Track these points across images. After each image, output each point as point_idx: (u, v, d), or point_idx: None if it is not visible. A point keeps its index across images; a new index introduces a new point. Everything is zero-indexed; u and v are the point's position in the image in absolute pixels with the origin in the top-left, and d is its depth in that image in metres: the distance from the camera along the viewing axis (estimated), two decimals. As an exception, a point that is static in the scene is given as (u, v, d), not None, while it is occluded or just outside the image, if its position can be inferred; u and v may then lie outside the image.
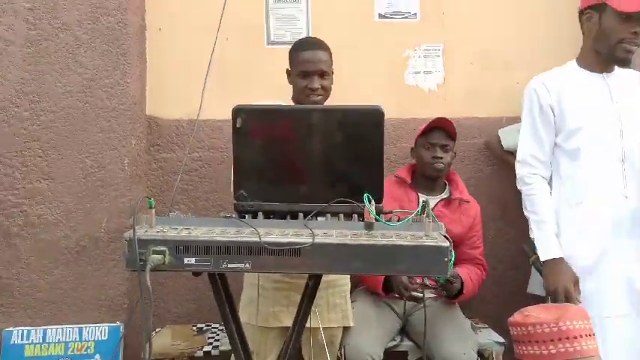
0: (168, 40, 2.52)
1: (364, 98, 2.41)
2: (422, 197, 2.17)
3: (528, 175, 1.92)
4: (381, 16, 2.60)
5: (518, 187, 1.98)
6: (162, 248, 1.20)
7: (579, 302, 1.73)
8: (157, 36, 2.51)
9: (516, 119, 2.61)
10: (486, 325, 2.34)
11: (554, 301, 1.76)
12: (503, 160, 2.54)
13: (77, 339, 2.13)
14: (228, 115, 1.35)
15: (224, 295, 1.36)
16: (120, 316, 2.20)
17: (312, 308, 1.50)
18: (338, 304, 1.84)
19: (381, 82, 2.60)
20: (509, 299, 2.47)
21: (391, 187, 2.20)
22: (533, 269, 2.51)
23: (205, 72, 2.00)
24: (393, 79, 2.62)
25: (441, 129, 2.17)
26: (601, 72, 1.86)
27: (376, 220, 1.27)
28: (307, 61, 1.80)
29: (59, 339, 2.13)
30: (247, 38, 2.55)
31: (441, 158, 2.15)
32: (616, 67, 1.87)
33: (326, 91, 1.84)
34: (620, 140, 1.80)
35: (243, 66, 2.54)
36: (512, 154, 2.25)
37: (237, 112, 1.36)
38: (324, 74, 1.81)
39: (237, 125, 1.36)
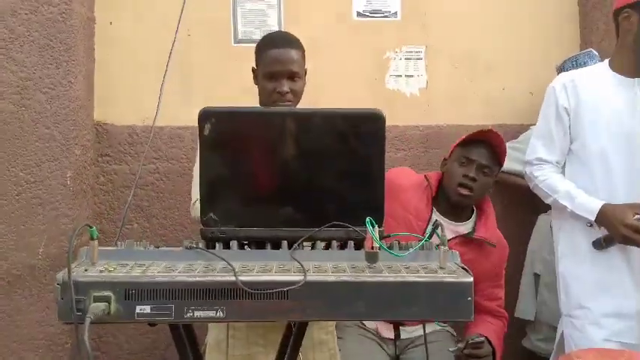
0: (121, 35, 2.22)
1: (340, 103, 2.18)
2: (436, 218, 1.78)
3: (536, 169, 1.76)
4: (359, 14, 2.38)
5: (531, 188, 1.80)
6: (107, 293, 0.92)
7: None
8: (108, 30, 2.21)
9: (502, 127, 2.48)
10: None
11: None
12: (499, 180, 2.38)
13: (9, 386, 1.80)
14: (189, 121, 1.09)
15: (189, 347, 1.09)
16: (61, 358, 1.86)
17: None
18: (324, 341, 1.58)
19: (359, 86, 2.39)
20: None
21: (405, 187, 1.82)
22: (520, 290, 2.34)
23: (163, 72, 1.72)
24: (372, 82, 2.41)
25: (486, 145, 1.75)
26: (634, 77, 1.67)
27: (380, 248, 1.02)
28: (275, 60, 1.53)
29: (-13, 387, 1.79)
30: (212, 35, 2.28)
31: (474, 181, 1.72)
32: None
33: (296, 96, 1.57)
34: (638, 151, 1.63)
35: (207, 66, 2.26)
36: (508, 173, 2.08)
37: (206, 115, 1.09)
38: (294, 76, 1.54)
39: (205, 132, 1.09)
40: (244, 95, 1.90)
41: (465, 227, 1.83)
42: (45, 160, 1.88)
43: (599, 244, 1.67)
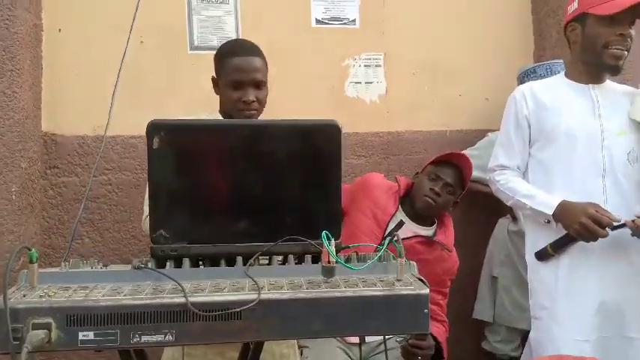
0: (71, 42, 2.13)
1: (300, 111, 2.16)
2: (400, 217, 1.90)
3: (498, 174, 1.82)
4: (318, 21, 2.37)
5: (494, 192, 1.85)
6: (47, 320, 0.86)
7: (617, 220, 1.56)
8: (57, 38, 2.12)
9: (460, 133, 2.51)
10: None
11: (587, 239, 1.58)
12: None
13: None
14: (142, 131, 1.04)
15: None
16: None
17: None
18: (285, 355, 1.55)
19: (319, 93, 2.37)
20: (455, 324, 2.30)
21: (378, 186, 1.95)
22: (479, 292, 2.37)
23: (115, 80, 1.65)
24: (332, 89, 2.40)
25: (455, 167, 1.90)
26: (587, 83, 1.74)
27: (336, 262, 1.00)
28: (240, 69, 1.51)
29: None
30: (167, 42, 2.22)
31: (438, 196, 1.86)
32: (607, 80, 1.77)
33: (261, 104, 1.56)
34: (600, 154, 1.68)
35: (162, 74, 2.20)
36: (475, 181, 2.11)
37: (154, 128, 1.05)
38: (259, 84, 1.53)
39: (154, 146, 1.04)
40: (201, 103, 1.85)
41: (425, 231, 1.93)
42: (-13, 174, 1.78)
43: (545, 254, 1.71)
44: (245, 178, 1.07)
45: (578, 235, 1.62)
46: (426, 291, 0.95)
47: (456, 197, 1.94)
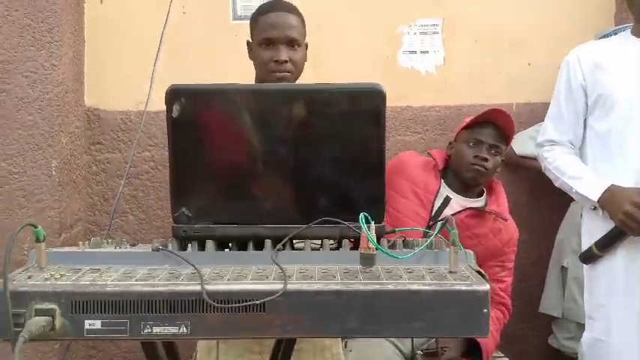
0: (112, 14, 2.07)
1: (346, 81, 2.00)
2: (446, 193, 1.73)
3: (546, 150, 1.67)
4: (368, -15, 2.18)
5: (543, 170, 1.69)
6: (51, 306, 0.78)
7: None
8: (98, 9, 2.06)
9: (528, 105, 2.27)
10: (501, 354, 1.96)
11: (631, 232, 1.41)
12: (520, 165, 2.19)
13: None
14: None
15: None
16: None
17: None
18: (327, 346, 1.42)
19: (369, 63, 2.20)
20: (521, 318, 2.11)
21: (413, 163, 1.79)
22: (546, 284, 2.16)
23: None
24: (383, 59, 2.22)
25: (493, 125, 1.71)
26: None
27: (377, 249, 0.85)
28: (273, 25, 1.37)
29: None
30: (209, 12, 2.12)
31: (486, 161, 1.68)
32: None
33: (296, 67, 1.41)
34: None
35: (204, 46, 2.10)
36: (528, 157, 1.91)
37: (174, 95, 0.94)
38: (293, 43, 1.39)
39: (174, 114, 0.94)
40: (245, 76, 1.74)
41: (476, 203, 1.76)
42: (28, 149, 1.75)
43: (590, 255, 1.50)
44: (275, 150, 0.95)
45: (623, 227, 1.42)
46: (486, 287, 0.79)
47: (502, 155, 1.75)
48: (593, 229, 1.56)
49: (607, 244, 1.49)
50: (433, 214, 1.71)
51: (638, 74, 1.49)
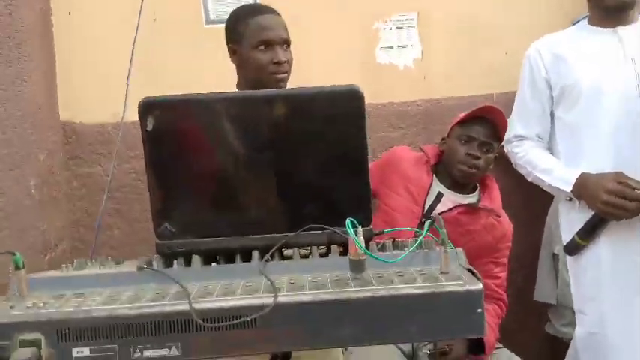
0: (81, 24, 2.02)
1: (327, 83, 1.98)
2: (438, 189, 1.71)
3: (515, 146, 1.67)
4: (342, -19, 2.16)
5: (515, 167, 1.70)
6: (36, 336, 0.75)
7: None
8: (67, 20, 2.01)
9: (508, 95, 2.25)
10: (500, 345, 1.96)
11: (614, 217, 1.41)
12: (503, 155, 2.20)
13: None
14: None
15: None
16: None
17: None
18: (327, 350, 1.41)
19: (347, 61, 2.18)
20: (516, 307, 2.11)
21: (406, 159, 1.78)
22: (538, 273, 2.18)
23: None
24: (361, 56, 2.20)
25: (486, 121, 1.69)
26: (614, 27, 1.49)
27: (365, 253, 0.84)
28: (268, 27, 1.37)
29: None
30: (180, 17, 2.08)
31: (478, 159, 1.66)
32: (639, 20, 1.52)
33: (290, 68, 1.42)
34: (636, 108, 1.44)
35: (178, 51, 2.06)
36: None
37: (147, 107, 0.92)
38: (287, 44, 1.41)
39: (149, 128, 0.92)
40: (220, 78, 1.71)
41: (468, 199, 1.75)
42: (5, 169, 1.70)
43: (575, 246, 1.50)
44: (256, 159, 0.93)
45: (604, 215, 1.42)
46: (479, 286, 0.79)
47: (495, 153, 1.72)
48: (571, 221, 1.56)
49: (589, 232, 1.49)
50: (425, 210, 1.70)
51: (601, 63, 1.50)
